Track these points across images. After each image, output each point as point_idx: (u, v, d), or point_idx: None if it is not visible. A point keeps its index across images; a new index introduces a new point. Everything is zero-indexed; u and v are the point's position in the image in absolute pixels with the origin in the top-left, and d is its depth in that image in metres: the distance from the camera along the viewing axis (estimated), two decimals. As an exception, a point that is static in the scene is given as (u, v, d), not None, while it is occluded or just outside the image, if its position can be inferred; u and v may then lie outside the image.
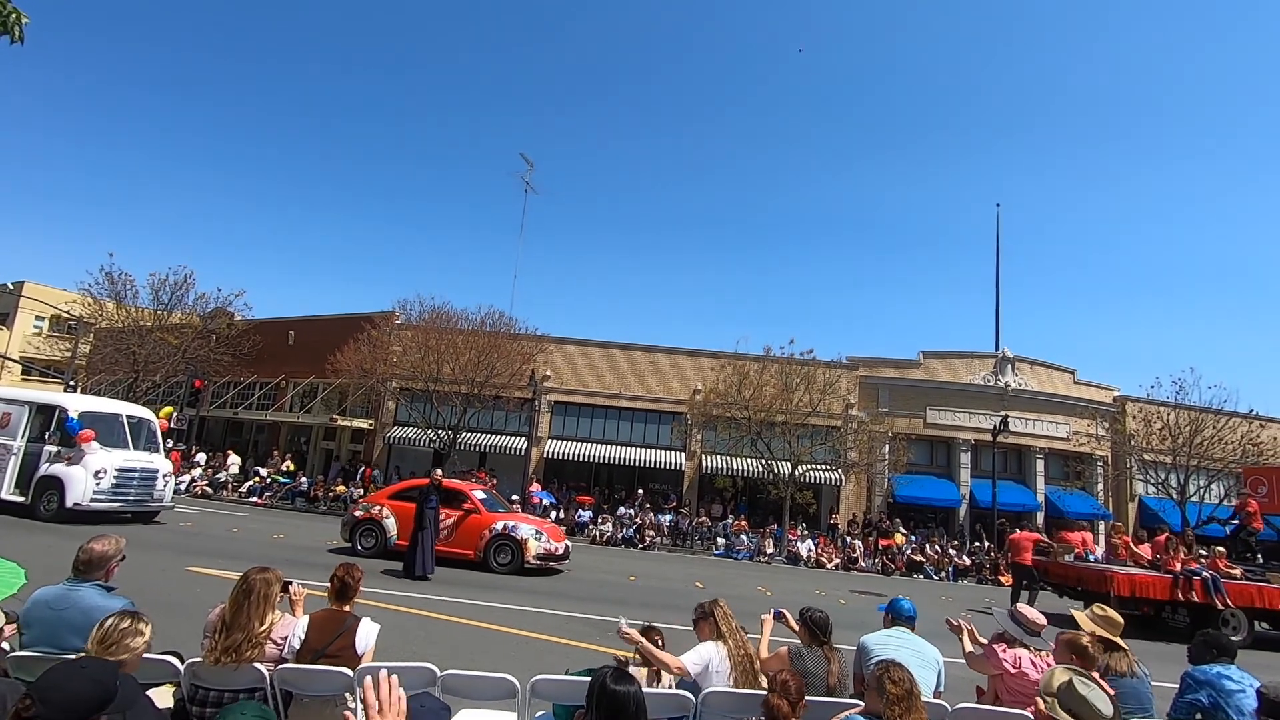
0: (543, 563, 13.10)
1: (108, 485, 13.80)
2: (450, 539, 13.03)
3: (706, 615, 4.18)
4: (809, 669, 3.85)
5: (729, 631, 4.01)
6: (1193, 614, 12.21)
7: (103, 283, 27.80)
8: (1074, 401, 28.63)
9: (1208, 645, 4.04)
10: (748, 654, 3.96)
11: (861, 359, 28.29)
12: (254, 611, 3.51)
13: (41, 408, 14.49)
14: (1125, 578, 12.34)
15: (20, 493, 13.83)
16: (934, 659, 4.13)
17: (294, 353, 30.12)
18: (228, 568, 9.56)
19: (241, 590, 3.55)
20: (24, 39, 3.68)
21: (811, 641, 4.13)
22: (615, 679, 2.39)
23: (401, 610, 8.46)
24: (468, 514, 13.33)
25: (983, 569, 22.42)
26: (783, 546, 22.28)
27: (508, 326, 25.88)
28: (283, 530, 16.18)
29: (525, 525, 13.42)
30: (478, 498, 13.83)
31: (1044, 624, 4.24)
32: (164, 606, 7.04)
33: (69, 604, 3.49)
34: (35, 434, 14.19)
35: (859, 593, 15.78)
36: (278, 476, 25.48)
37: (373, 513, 13.45)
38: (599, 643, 7.73)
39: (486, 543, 13.01)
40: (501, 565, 12.86)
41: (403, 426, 27.41)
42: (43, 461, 13.80)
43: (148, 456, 15.04)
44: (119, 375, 28.83)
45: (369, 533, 13.30)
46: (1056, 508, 26.94)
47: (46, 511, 13.40)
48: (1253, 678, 3.74)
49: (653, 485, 26.96)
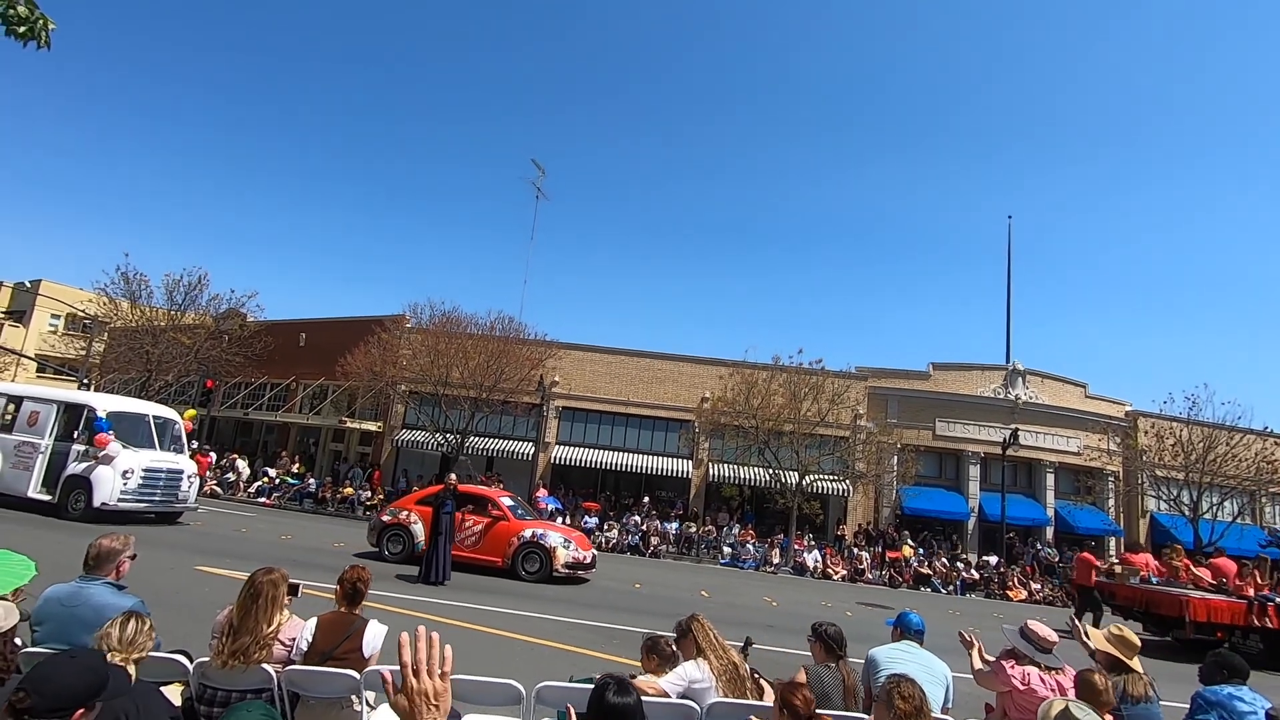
0: (571, 571, 12.99)
1: (134, 485, 13.80)
2: (478, 546, 12.96)
3: (685, 633, 4.13)
4: (826, 690, 3.79)
5: (708, 646, 3.95)
6: (1266, 640, 11.91)
7: (118, 282, 28.12)
8: (1085, 416, 28.38)
9: (1219, 666, 3.99)
10: (732, 663, 3.89)
11: (871, 369, 28.18)
12: (261, 614, 3.54)
13: (69, 407, 14.49)
14: (1201, 603, 11.99)
15: (48, 491, 13.81)
16: (943, 675, 4.09)
17: (305, 354, 30.34)
18: (236, 567, 9.62)
19: (249, 593, 3.58)
20: (50, 44, 3.75)
21: (827, 657, 4.07)
22: (616, 691, 2.38)
23: (409, 614, 8.48)
24: (495, 520, 13.22)
25: (990, 583, 22.23)
26: (789, 557, 22.17)
27: (517, 331, 25.99)
28: (290, 531, 16.27)
29: (554, 533, 13.32)
30: (505, 504, 13.72)
31: (1055, 640, 4.20)
32: (172, 605, 7.11)
33: (80, 601, 3.54)
34: (62, 433, 14.20)
35: (866, 605, 15.66)
36: (286, 477, 25.63)
37: (400, 518, 13.36)
38: (604, 650, 7.73)
39: (515, 550, 12.89)
40: (530, 573, 12.72)
41: (411, 430, 27.51)
42: (70, 460, 13.78)
43: (173, 457, 15.05)
44: (132, 374, 29.11)
45: (396, 538, 13.21)
46: (1067, 523, 26.68)
47: (74, 511, 13.38)
48: (1265, 699, 3.69)
49: (659, 493, 26.93)
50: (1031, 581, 22.41)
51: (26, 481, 13.90)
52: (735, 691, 3.76)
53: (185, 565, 10.08)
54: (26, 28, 3.70)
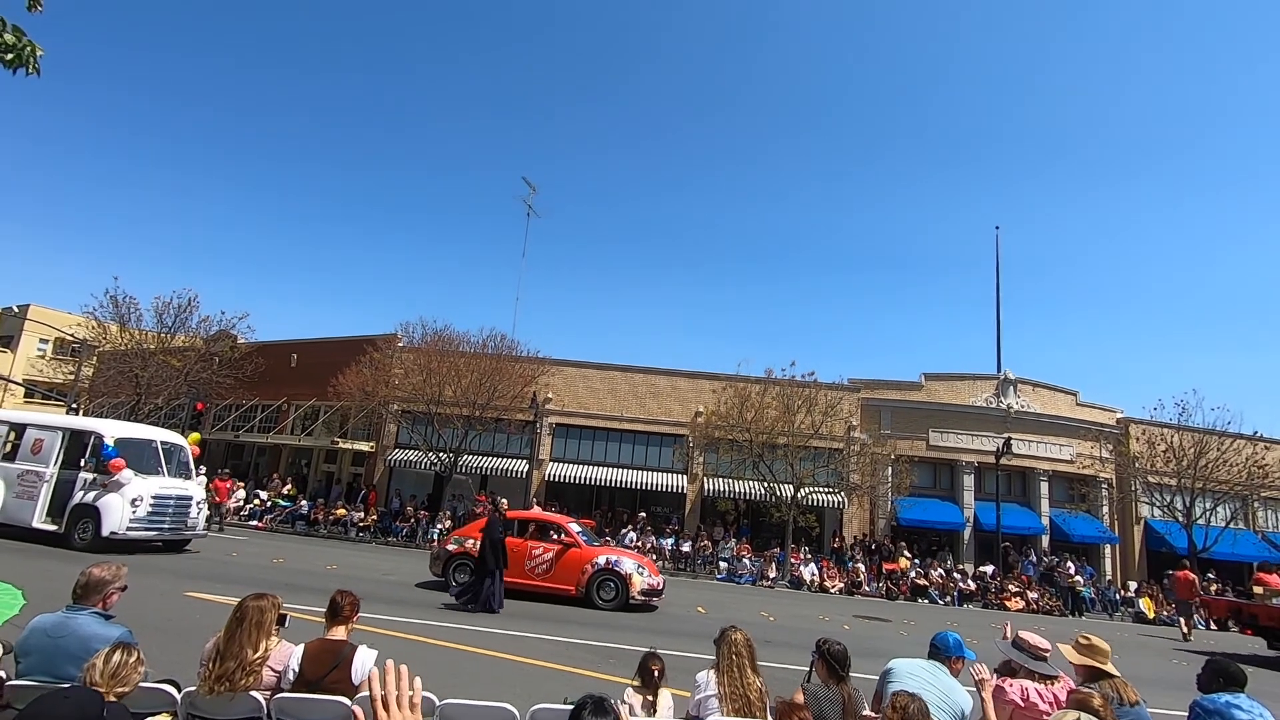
0: (646, 599, 12.71)
1: (144, 513, 13.44)
2: (549, 574, 12.64)
3: (718, 642, 4.07)
4: (824, 713, 3.66)
5: (725, 666, 3.87)
6: None
7: (107, 305, 27.84)
8: (1077, 423, 28.50)
9: (1216, 673, 3.97)
10: (744, 694, 3.76)
11: (863, 381, 28.26)
12: (246, 639, 3.47)
13: (75, 434, 14.10)
14: None
15: (53, 521, 13.40)
16: (959, 707, 3.85)
17: (296, 375, 30.18)
18: (226, 592, 9.48)
19: (235, 617, 3.52)
20: (40, 70, 3.75)
21: (829, 678, 3.93)
22: (594, 711, 2.34)
23: (399, 636, 8.36)
24: (567, 548, 12.87)
25: (988, 593, 22.19)
26: (786, 570, 22.07)
27: (509, 349, 25.97)
28: (283, 554, 16.08)
29: (628, 560, 13.05)
30: (574, 530, 13.44)
31: (1049, 649, 4.19)
32: (161, 632, 7.00)
33: (67, 631, 3.47)
34: (67, 460, 13.80)
35: (863, 618, 15.59)
36: (278, 499, 25.38)
37: (466, 546, 12.88)
38: (601, 670, 7.64)
39: (589, 578, 12.57)
40: (606, 601, 12.38)
41: (404, 449, 27.35)
42: (77, 489, 13.39)
43: (182, 484, 14.69)
44: (121, 398, 28.85)
45: (463, 567, 12.70)
46: (1062, 530, 26.71)
47: (81, 540, 12.97)
48: (1263, 706, 3.68)
49: (654, 508, 26.80)
50: (1029, 590, 22.38)
51: (31, 511, 13.47)
52: (740, 717, 3.69)
53: (175, 591, 9.92)
54: (14, 55, 3.70)
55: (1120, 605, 23.95)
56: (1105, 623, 20.87)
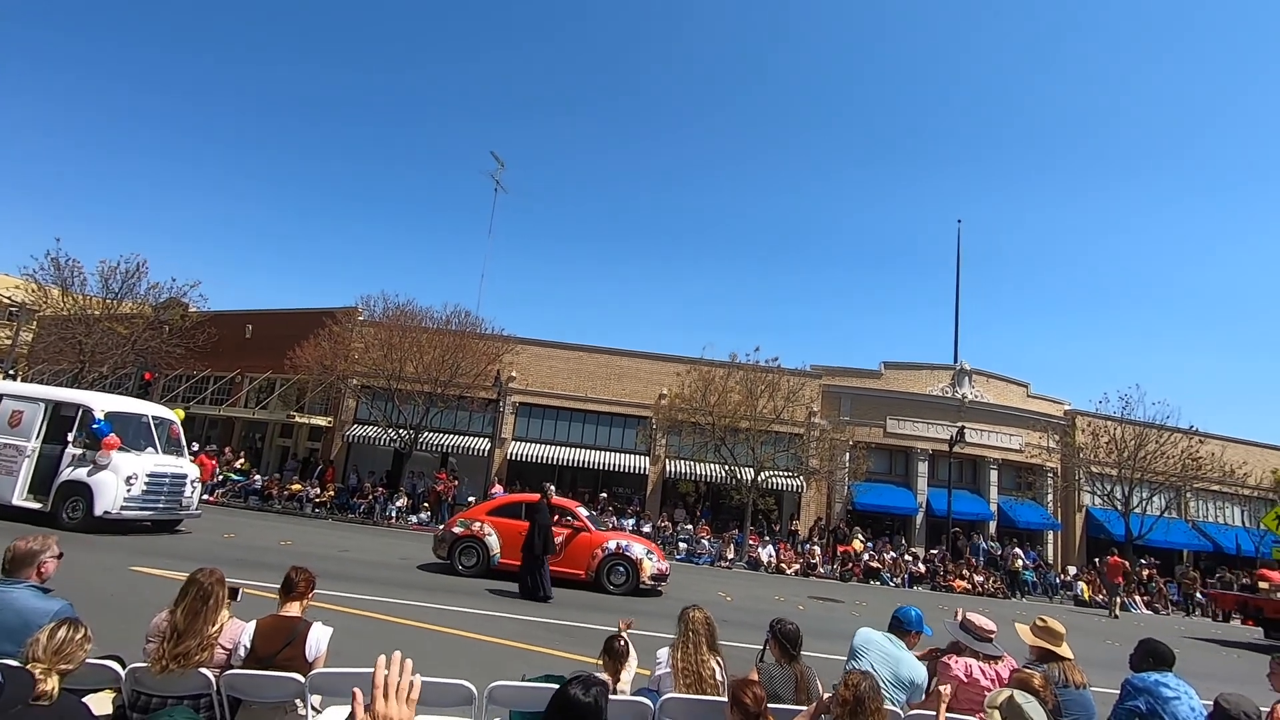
0: (655, 584, 12.66)
1: (139, 492, 12.83)
2: (558, 558, 12.28)
3: (679, 620, 4.21)
4: (777, 690, 3.76)
5: (682, 643, 4.03)
6: None
7: (48, 268, 26.54)
8: (1027, 414, 29.50)
9: (1146, 654, 4.19)
10: (696, 671, 3.90)
11: (825, 368, 28.73)
12: (208, 616, 3.42)
13: (59, 406, 13.33)
14: None
15: (37, 499, 12.70)
16: (908, 678, 4.09)
17: (251, 346, 29.31)
18: (174, 568, 9.26)
19: (197, 595, 3.43)
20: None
21: (782, 657, 4.05)
22: (583, 688, 2.36)
23: (356, 613, 8.28)
24: (576, 532, 12.69)
25: (936, 575, 22.96)
26: (744, 552, 22.46)
27: (473, 326, 25.61)
28: (235, 529, 15.72)
29: (637, 544, 12.97)
30: (584, 515, 13.30)
31: (993, 630, 4.36)
32: (106, 607, 6.81)
33: (2, 605, 3.33)
34: (51, 435, 13.05)
35: (817, 599, 16.00)
36: (230, 474, 24.76)
37: (474, 529, 12.64)
38: (560, 648, 7.69)
39: (599, 562, 12.47)
40: (616, 586, 12.37)
41: (363, 425, 26.87)
42: (64, 465, 12.70)
43: (176, 461, 14.03)
44: (63, 365, 27.62)
45: (470, 550, 12.55)
46: (1008, 517, 27.73)
47: (71, 520, 12.32)
48: (1189, 685, 3.89)
49: (616, 489, 26.94)
50: (974, 574, 23.21)
51: (10, 488, 12.71)
52: (692, 693, 3.79)
53: (121, 565, 9.64)
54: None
55: (1060, 588, 25.03)
56: (1045, 605, 21.82)
